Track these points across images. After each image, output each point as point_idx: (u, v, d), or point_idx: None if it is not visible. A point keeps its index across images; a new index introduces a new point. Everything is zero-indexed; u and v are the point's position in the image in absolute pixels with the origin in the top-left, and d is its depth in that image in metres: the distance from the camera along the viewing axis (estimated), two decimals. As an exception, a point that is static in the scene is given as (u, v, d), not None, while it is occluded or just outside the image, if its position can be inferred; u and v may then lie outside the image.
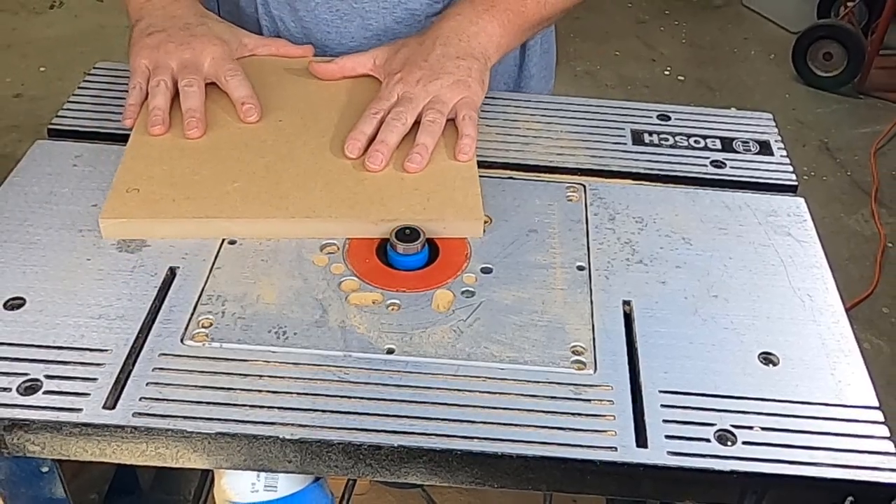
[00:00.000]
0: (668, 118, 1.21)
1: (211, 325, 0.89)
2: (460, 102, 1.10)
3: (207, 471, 1.18)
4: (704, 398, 0.85)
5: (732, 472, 0.79)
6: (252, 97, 1.11)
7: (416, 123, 1.08)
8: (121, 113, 1.14)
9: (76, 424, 0.80)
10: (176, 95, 1.11)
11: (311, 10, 1.27)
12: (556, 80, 1.50)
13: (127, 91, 1.13)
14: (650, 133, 1.18)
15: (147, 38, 1.13)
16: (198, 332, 0.88)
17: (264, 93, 1.13)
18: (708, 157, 1.15)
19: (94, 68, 1.24)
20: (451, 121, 1.10)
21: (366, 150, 1.06)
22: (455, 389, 0.84)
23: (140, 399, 0.82)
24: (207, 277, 0.94)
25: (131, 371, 0.84)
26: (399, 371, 0.85)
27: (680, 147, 1.16)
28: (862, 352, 0.91)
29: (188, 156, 1.05)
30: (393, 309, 0.92)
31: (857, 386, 0.87)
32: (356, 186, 1.02)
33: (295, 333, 0.88)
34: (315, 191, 1.02)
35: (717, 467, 0.79)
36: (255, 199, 1.00)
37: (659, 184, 1.12)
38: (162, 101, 1.09)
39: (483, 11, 1.16)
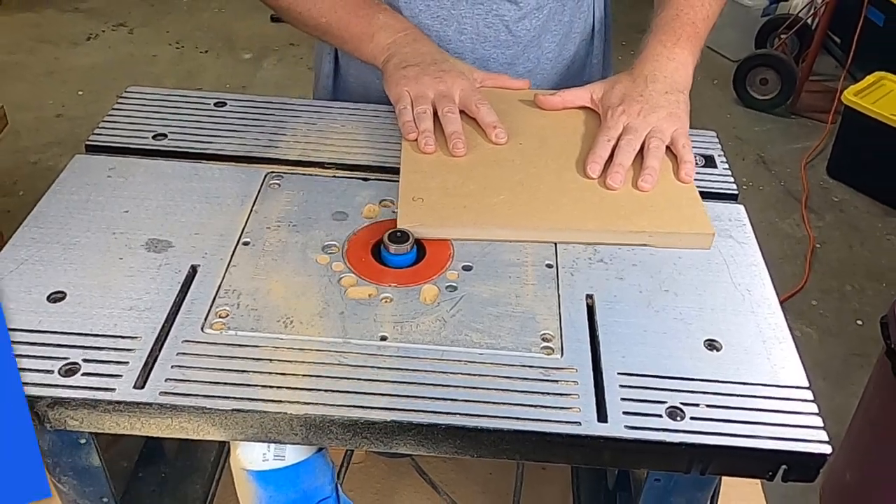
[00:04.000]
0: (626, 136, 1.21)
1: (227, 315, 0.89)
2: (676, 132, 1.11)
3: (224, 442, 1.17)
4: (657, 379, 0.85)
5: (681, 444, 0.79)
6: (500, 123, 1.13)
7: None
8: (150, 130, 1.14)
9: (110, 402, 0.80)
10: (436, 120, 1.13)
11: (414, 17, 1.28)
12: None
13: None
14: (610, 149, 1.18)
15: (403, 70, 1.16)
16: (216, 322, 0.88)
17: (501, 120, 1.14)
18: (660, 170, 1.15)
19: (126, 92, 1.23)
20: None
21: (603, 171, 1.07)
22: (440, 371, 0.84)
23: (166, 380, 0.82)
24: (224, 274, 0.94)
25: (158, 355, 0.84)
26: (391, 356, 0.85)
27: (636, 161, 1.16)
28: (794, 339, 0.91)
29: (454, 171, 1.07)
30: (386, 301, 0.92)
31: (790, 369, 0.87)
32: (601, 202, 1.04)
33: (300, 322, 0.88)
34: (568, 205, 1.03)
35: (668, 439, 0.79)
36: (521, 210, 1.02)
37: (618, 193, 1.11)
38: (430, 124, 1.11)
39: (673, 45, 1.17)
